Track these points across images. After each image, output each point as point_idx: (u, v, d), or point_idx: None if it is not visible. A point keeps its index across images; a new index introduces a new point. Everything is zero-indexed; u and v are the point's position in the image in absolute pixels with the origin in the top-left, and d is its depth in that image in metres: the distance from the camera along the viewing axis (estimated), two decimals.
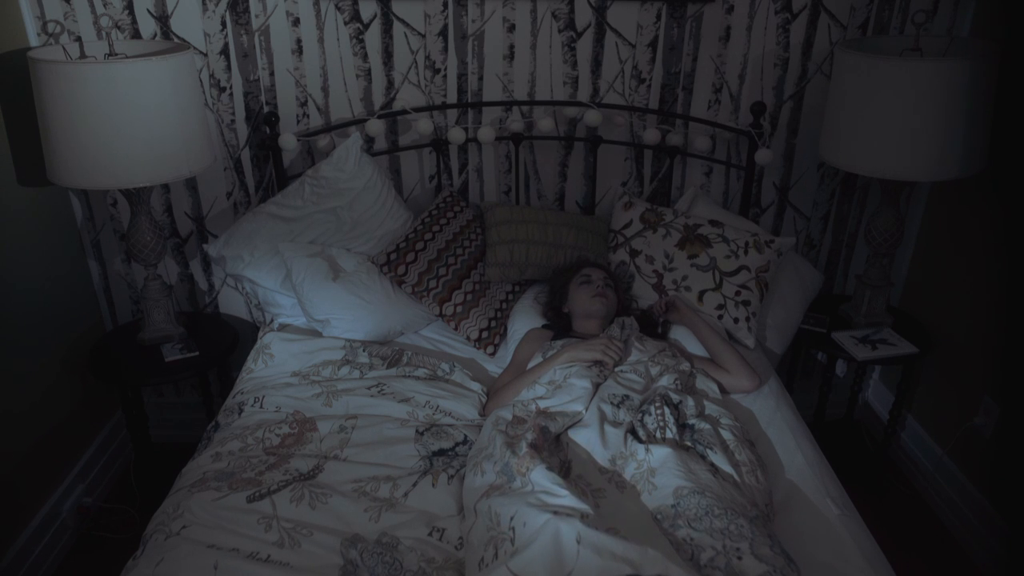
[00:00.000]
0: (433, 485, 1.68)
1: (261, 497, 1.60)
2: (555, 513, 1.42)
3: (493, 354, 2.27)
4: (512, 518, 1.45)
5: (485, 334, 2.27)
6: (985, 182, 2.29)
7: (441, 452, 1.79)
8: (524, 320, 2.27)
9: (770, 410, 1.99)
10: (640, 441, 1.68)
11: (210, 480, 1.66)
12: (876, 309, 2.43)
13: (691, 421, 1.76)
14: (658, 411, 1.75)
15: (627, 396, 1.82)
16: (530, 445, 1.63)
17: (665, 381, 1.89)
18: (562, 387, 1.86)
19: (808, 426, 1.99)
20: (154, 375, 2.23)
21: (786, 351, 2.52)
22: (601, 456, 1.67)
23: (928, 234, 2.61)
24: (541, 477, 1.53)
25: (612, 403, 1.79)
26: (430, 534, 1.56)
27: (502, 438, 1.68)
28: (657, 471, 1.58)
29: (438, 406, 1.95)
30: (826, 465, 1.82)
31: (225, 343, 2.36)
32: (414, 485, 1.67)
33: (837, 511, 1.64)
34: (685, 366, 2.00)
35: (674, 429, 1.72)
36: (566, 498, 1.47)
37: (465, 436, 1.84)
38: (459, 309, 2.26)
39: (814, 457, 1.83)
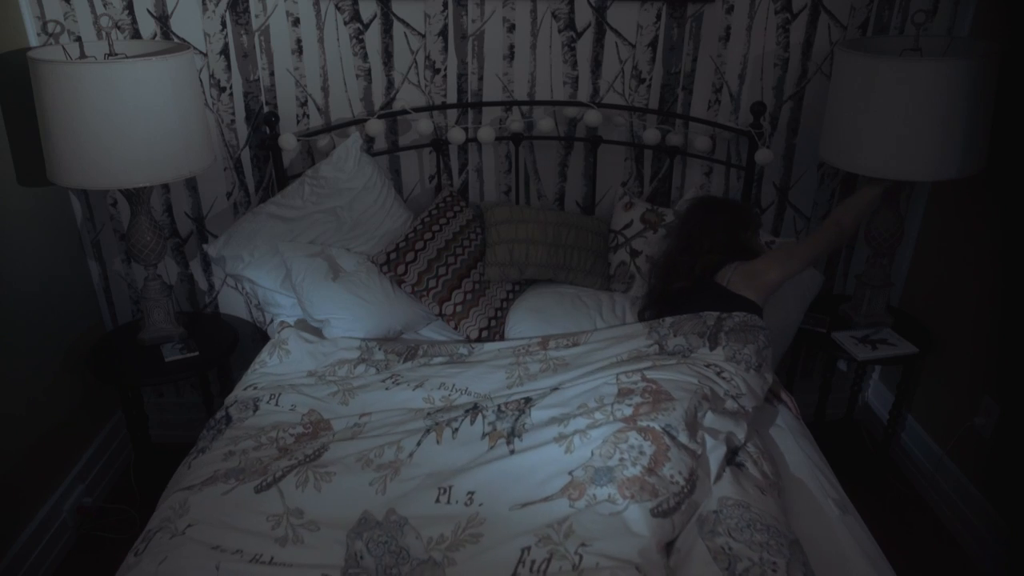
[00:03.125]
0: (438, 442, 1.68)
1: (268, 486, 1.60)
2: None
3: None
4: None
5: (485, 333, 2.26)
6: (985, 182, 2.29)
7: (448, 419, 1.78)
8: (524, 319, 2.26)
9: (770, 410, 1.99)
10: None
11: (220, 478, 1.66)
12: (876, 309, 2.43)
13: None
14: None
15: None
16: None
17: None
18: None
19: (808, 426, 1.99)
20: (154, 375, 2.23)
21: (786, 351, 2.52)
22: None
23: (928, 234, 2.61)
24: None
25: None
26: (437, 500, 1.54)
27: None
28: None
29: (454, 385, 1.94)
30: (826, 465, 1.82)
31: (225, 343, 2.36)
32: (418, 444, 1.67)
33: (838, 512, 1.64)
34: None
35: None
36: None
37: (475, 404, 1.82)
38: (459, 308, 2.26)
39: (814, 457, 1.83)
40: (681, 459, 1.55)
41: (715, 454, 1.63)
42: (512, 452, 1.62)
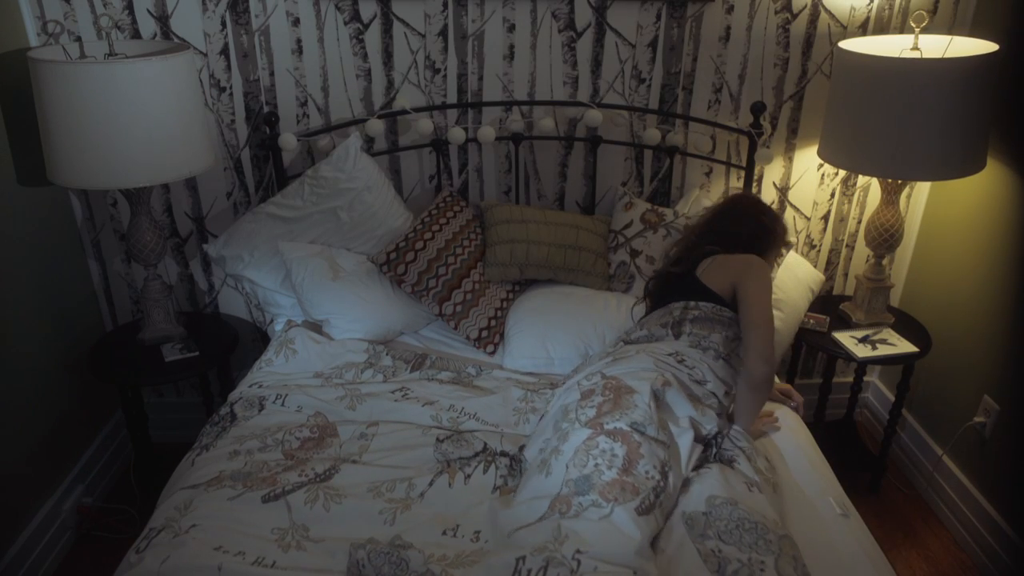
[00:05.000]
0: (450, 485, 1.67)
1: (276, 497, 1.60)
2: None
3: (492, 353, 2.27)
4: None
5: (485, 333, 2.27)
6: (985, 182, 2.29)
7: (460, 459, 1.78)
8: (524, 320, 2.26)
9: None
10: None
11: (226, 479, 1.65)
12: (876, 309, 2.43)
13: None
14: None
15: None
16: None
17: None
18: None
19: (808, 426, 1.99)
20: (154, 375, 2.23)
21: (786, 351, 2.52)
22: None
23: (928, 234, 2.61)
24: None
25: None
26: (444, 533, 1.55)
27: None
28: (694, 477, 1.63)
29: (463, 409, 1.94)
30: (826, 465, 1.82)
31: (225, 343, 2.36)
32: (430, 484, 1.67)
33: (838, 512, 1.64)
34: None
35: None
36: None
37: (485, 444, 1.81)
38: (459, 308, 2.26)
39: (814, 457, 1.83)
40: (653, 453, 1.57)
41: (683, 439, 1.65)
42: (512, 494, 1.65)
